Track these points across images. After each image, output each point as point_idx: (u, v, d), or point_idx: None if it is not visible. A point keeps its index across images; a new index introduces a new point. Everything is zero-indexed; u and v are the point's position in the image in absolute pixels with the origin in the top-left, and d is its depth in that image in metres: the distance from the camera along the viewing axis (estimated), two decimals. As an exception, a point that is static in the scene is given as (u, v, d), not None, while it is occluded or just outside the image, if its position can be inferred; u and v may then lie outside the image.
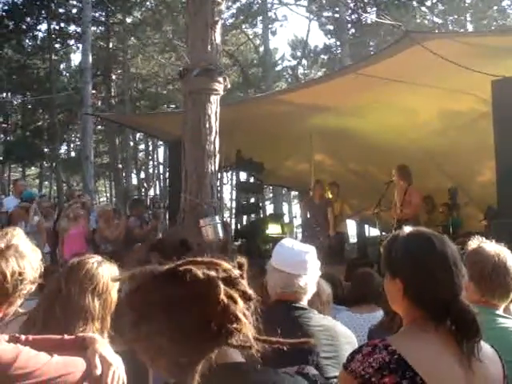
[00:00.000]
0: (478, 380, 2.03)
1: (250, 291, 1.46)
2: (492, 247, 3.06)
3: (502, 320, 2.94)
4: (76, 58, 65.31)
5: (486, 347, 2.12)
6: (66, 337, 2.24)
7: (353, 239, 17.76)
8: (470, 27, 30.66)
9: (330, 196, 12.60)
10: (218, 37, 8.29)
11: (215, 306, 1.41)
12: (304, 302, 3.01)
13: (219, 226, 7.80)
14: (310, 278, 3.01)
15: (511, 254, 3.07)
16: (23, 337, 2.18)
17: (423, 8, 32.00)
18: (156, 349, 1.45)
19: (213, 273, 1.43)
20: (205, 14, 8.16)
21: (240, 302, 1.42)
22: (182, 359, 1.46)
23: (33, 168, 41.90)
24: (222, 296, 1.40)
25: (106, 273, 2.64)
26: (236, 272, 1.49)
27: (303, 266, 2.97)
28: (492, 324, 2.87)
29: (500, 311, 3.00)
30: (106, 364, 2.13)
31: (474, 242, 3.11)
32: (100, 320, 2.55)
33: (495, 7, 30.81)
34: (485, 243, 3.08)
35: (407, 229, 2.26)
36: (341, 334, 2.98)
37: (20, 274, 2.00)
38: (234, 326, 1.43)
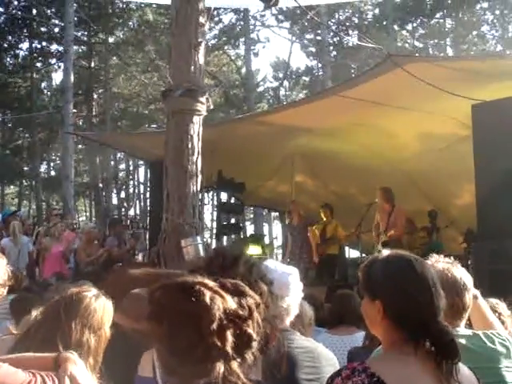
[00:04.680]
0: (456, 401, 2.03)
1: (253, 333, 1.47)
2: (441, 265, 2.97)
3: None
4: (57, 77, 64.96)
5: (463, 368, 2.13)
6: (39, 355, 2.23)
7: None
8: (450, 52, 31.07)
9: (324, 218, 12.51)
10: (201, 58, 8.31)
11: (206, 332, 1.42)
12: (286, 324, 3.01)
13: (200, 247, 7.78)
14: (293, 299, 3.00)
15: (461, 272, 2.99)
16: None
17: (404, 32, 32.39)
18: (157, 351, 1.50)
19: (219, 302, 1.44)
20: (188, 35, 8.18)
21: (229, 340, 1.44)
22: (179, 369, 1.48)
23: (12, 187, 41.61)
24: (213, 327, 1.42)
25: (102, 307, 2.64)
26: (253, 306, 1.51)
27: (286, 287, 2.96)
28: None
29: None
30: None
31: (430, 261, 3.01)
32: (93, 356, 2.55)
33: (475, 32, 31.21)
34: (438, 262, 3.01)
35: (386, 251, 2.28)
36: (323, 356, 2.97)
37: None
38: (221, 358, 1.45)
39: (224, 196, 14.84)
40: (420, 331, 2.05)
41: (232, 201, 15.13)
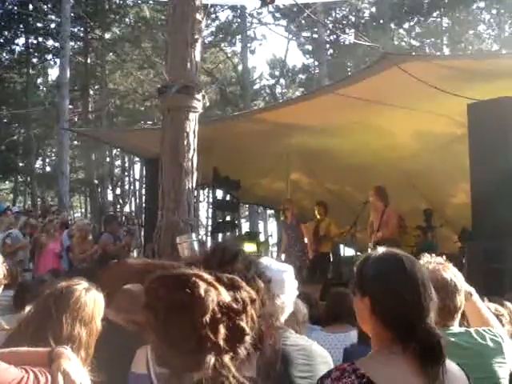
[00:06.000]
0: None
1: (246, 327, 1.48)
2: (432, 266, 2.96)
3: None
4: (53, 73, 64.92)
5: (452, 367, 2.13)
6: (32, 350, 2.23)
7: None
8: (446, 50, 31.06)
9: (318, 216, 12.49)
10: (197, 55, 8.28)
11: (199, 324, 1.43)
12: (281, 322, 3.00)
13: (195, 244, 7.76)
14: (287, 297, 3.00)
15: (451, 273, 3.00)
16: None
17: (401, 30, 32.40)
18: (151, 342, 1.51)
19: (213, 295, 1.45)
20: (185, 32, 8.15)
21: (222, 332, 1.44)
22: (172, 361, 1.49)
23: (7, 182, 41.54)
24: (206, 319, 1.42)
25: (93, 300, 2.64)
26: (247, 300, 1.51)
27: (281, 285, 2.96)
28: None
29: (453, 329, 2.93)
30: (68, 380, 2.11)
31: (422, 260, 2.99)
32: (85, 349, 2.55)
33: (471, 31, 31.27)
34: (429, 263, 3.00)
35: (380, 249, 2.27)
36: (317, 353, 2.97)
37: None
38: (213, 350, 1.45)
39: (219, 193, 14.86)
40: (407, 331, 2.05)
41: (227, 198, 15.15)
